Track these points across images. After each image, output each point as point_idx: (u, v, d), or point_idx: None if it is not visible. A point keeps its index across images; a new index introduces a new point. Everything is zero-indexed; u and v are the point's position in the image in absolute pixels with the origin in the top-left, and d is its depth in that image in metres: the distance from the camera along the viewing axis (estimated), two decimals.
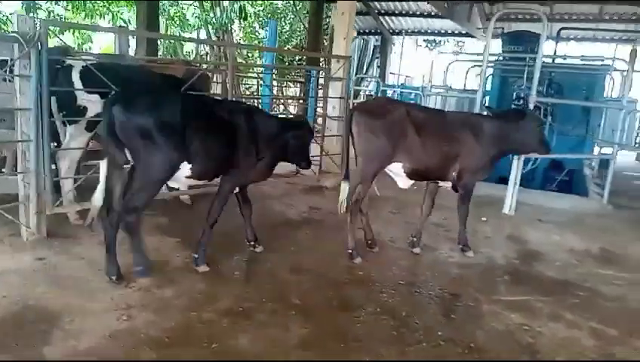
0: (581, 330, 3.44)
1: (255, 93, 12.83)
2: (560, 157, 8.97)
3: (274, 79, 9.97)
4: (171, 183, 3.88)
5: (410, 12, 16.10)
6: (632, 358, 3.14)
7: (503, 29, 14.87)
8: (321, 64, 11.44)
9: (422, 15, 16.25)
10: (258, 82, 11.72)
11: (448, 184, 4.63)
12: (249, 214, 4.38)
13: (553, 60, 11.97)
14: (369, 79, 16.79)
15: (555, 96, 9.13)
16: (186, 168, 3.57)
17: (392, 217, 5.84)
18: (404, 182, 4.59)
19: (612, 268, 4.77)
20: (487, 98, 11.51)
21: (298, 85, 12.47)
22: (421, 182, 4.73)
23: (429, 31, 17.92)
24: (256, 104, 9.91)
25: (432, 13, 15.68)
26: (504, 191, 6.49)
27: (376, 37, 18.30)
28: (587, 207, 6.91)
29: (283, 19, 18.30)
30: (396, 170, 4.45)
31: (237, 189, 4.16)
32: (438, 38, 21.14)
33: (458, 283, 4.12)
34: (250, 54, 17.19)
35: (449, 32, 17.57)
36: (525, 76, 8.89)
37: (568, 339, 3.30)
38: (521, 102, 8.52)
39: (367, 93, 16.04)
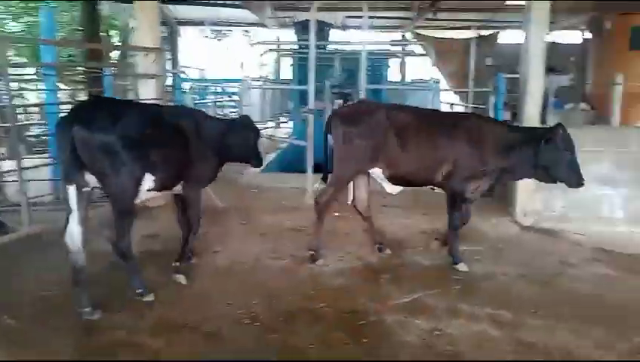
0: (482, 321, 3.38)
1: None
2: None
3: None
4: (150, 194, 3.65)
5: (198, 0, 15.13)
6: (539, 337, 3.16)
7: (293, 17, 15.12)
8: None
9: (209, 4, 15.42)
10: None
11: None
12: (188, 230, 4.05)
13: (345, 47, 12.58)
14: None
15: (348, 82, 9.42)
16: (148, 181, 3.43)
17: (245, 229, 5.15)
18: (390, 188, 4.49)
19: (465, 243, 4.98)
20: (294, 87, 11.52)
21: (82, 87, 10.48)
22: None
23: (217, 20, 17.20)
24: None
25: (220, 2, 15.01)
26: None
27: (162, 28, 16.80)
28: None
29: (37, 9, 15.39)
30: (377, 175, 4.38)
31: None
32: (225, 29, 20.57)
33: (347, 296, 3.72)
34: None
35: (238, 21, 17.14)
36: (337, 65, 8.99)
37: (479, 335, 3.20)
38: (337, 90, 8.60)
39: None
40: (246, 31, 22.74)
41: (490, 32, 17.66)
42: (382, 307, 3.53)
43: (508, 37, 17.94)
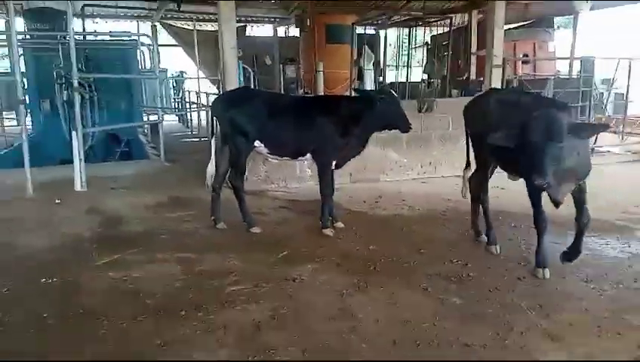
0: (169, 262, 4.14)
1: None
2: (116, 130, 9.56)
3: None
4: (271, 158, 5.36)
5: None
6: (212, 266, 4.04)
7: (22, 5, 13.78)
8: None
9: None
10: None
11: None
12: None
13: (85, 37, 12.19)
14: None
15: (94, 73, 9.41)
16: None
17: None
18: None
19: (180, 209, 5.72)
20: (26, 80, 10.80)
21: None
22: None
23: None
24: None
25: None
26: (72, 170, 6.52)
27: None
28: (149, 167, 7.79)
29: None
30: None
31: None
32: None
33: (50, 267, 4.04)
34: None
35: None
36: (61, 54, 8.76)
37: (162, 272, 3.92)
38: (64, 80, 8.44)
39: None
40: None
41: (239, 25, 19.00)
42: (81, 270, 3.94)
43: (258, 30, 19.65)
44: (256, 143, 4.95)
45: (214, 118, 4.94)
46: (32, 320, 3.18)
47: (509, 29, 17.35)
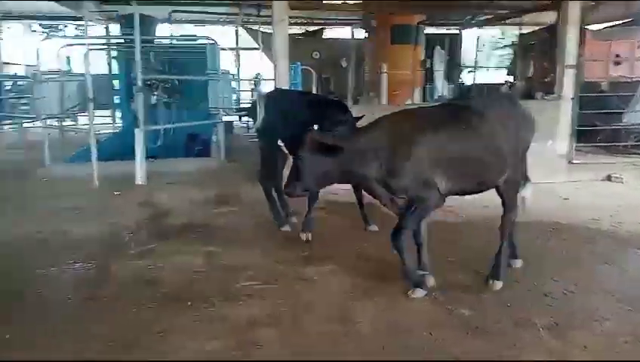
0: (194, 254, 4.31)
1: None
2: (193, 129, 10.12)
3: None
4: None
5: None
6: (230, 260, 4.17)
7: (117, 11, 15.09)
8: None
9: None
10: None
11: None
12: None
13: (172, 41, 13.07)
14: None
15: (176, 75, 10.03)
16: None
17: None
18: None
19: (224, 205, 5.93)
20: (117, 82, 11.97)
21: None
22: None
23: (38, 15, 16.41)
24: None
25: None
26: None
27: None
28: (208, 165, 8.14)
29: None
30: None
31: None
32: (55, 23, 19.61)
33: (94, 252, 4.39)
34: None
35: (61, 15, 16.53)
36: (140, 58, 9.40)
37: (183, 263, 4.10)
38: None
39: None
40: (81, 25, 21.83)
41: (316, 28, 19.26)
42: (112, 260, 4.20)
43: (334, 33, 19.80)
44: (279, 142, 4.94)
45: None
46: (57, 300, 3.49)
47: (605, 27, 15.91)
